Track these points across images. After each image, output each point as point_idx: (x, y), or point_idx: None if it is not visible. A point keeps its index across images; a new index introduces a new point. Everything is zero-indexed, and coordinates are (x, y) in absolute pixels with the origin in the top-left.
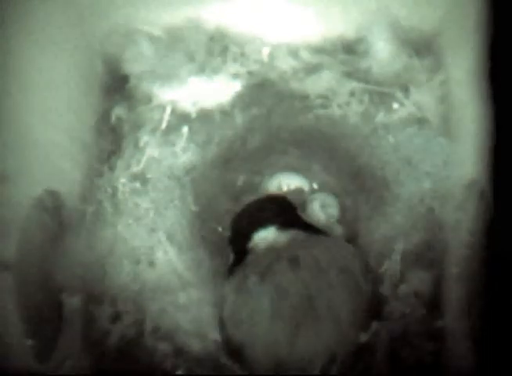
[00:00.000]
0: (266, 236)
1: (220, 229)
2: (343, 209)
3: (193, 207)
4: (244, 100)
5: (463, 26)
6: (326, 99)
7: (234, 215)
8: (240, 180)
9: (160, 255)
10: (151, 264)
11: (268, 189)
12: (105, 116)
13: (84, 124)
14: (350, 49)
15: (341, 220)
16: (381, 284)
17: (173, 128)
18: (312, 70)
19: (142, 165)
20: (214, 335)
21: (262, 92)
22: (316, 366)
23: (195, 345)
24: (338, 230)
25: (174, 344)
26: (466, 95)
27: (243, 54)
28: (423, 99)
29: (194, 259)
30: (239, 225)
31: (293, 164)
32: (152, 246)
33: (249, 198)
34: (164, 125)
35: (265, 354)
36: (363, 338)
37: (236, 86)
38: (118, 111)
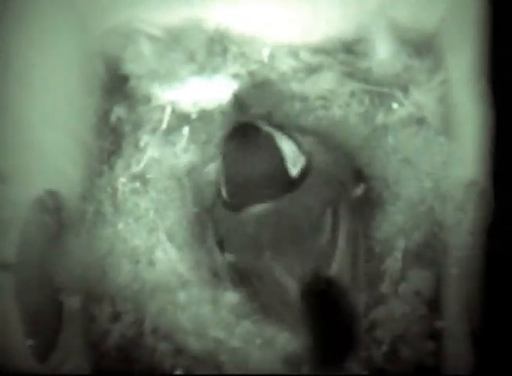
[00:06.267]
0: None
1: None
2: None
3: (193, 208)
4: (244, 101)
5: (463, 26)
6: (326, 100)
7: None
8: None
9: (159, 255)
10: (151, 263)
11: None
12: (105, 116)
13: (84, 124)
14: (350, 50)
15: None
16: (382, 283)
17: (173, 129)
18: (312, 70)
19: (142, 165)
20: (214, 334)
21: (262, 92)
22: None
23: (194, 344)
24: None
25: (173, 343)
26: (466, 95)
27: (243, 54)
28: (422, 99)
29: (194, 259)
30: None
31: None
32: (152, 246)
33: None
34: (164, 125)
35: None
36: (358, 191)
37: (236, 86)
38: (118, 111)
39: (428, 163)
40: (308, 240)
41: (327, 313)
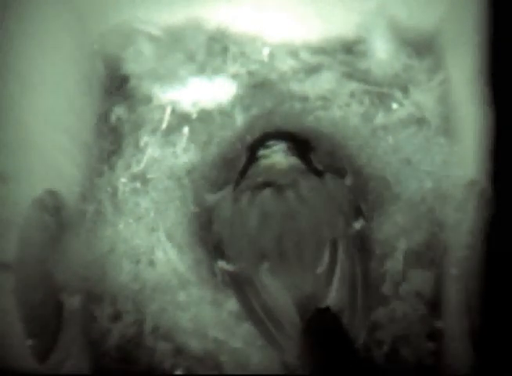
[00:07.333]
0: (273, 150)
1: None
2: None
3: (193, 208)
4: (244, 101)
5: (463, 26)
6: (326, 100)
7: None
8: None
9: (160, 255)
10: (151, 263)
11: None
12: (105, 116)
13: (84, 125)
14: (350, 50)
15: None
16: (383, 284)
17: (173, 129)
18: (312, 70)
19: (142, 165)
20: (214, 334)
21: (262, 92)
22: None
23: (194, 345)
24: None
25: (173, 343)
26: (466, 95)
27: (243, 54)
28: (422, 99)
29: (194, 259)
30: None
31: None
32: (152, 245)
33: None
34: (164, 125)
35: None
36: (357, 225)
37: (236, 86)
38: (118, 111)
39: (428, 163)
40: (308, 261)
41: (328, 347)
